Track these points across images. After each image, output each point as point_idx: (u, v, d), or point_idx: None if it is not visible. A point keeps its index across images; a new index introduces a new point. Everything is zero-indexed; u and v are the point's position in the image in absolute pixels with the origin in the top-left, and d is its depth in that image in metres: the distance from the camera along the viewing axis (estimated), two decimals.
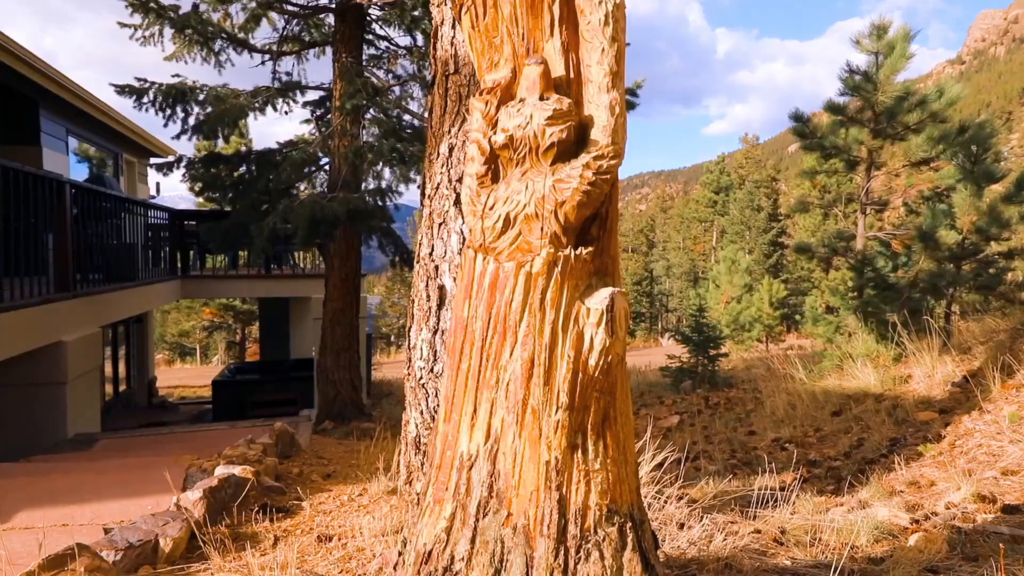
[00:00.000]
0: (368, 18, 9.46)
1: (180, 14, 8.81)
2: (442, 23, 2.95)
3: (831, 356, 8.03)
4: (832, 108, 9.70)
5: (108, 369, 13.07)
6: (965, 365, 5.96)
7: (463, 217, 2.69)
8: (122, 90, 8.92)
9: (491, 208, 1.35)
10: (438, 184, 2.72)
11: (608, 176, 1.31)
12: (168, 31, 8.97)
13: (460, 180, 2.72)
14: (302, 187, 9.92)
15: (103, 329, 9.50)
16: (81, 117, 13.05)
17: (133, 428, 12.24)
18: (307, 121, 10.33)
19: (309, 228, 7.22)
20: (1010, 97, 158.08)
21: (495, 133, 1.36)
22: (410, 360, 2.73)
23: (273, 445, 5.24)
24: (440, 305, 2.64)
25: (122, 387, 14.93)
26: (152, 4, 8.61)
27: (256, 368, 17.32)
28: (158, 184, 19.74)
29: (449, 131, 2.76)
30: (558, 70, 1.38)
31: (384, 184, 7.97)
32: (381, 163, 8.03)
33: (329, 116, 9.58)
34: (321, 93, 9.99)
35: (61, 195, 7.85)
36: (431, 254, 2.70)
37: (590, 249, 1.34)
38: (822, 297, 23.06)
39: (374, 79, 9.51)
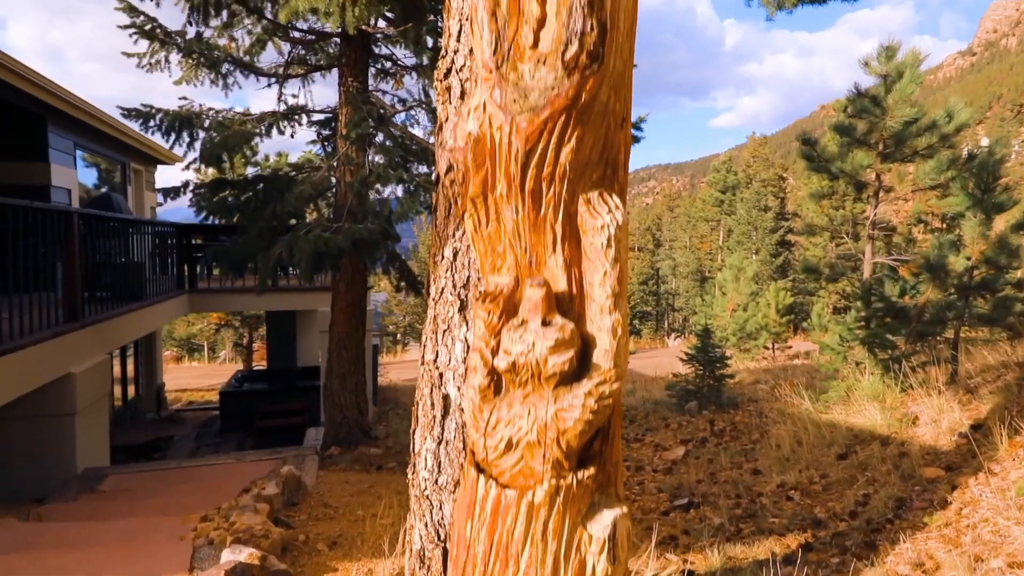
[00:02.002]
0: (374, 39, 9.44)
1: (186, 40, 8.82)
2: (446, 119, 2.94)
3: (837, 387, 8.01)
4: (839, 129, 9.64)
5: (116, 372, 13.17)
6: (972, 411, 5.93)
7: (467, 324, 2.69)
8: (128, 114, 8.94)
9: (493, 428, 1.35)
10: (442, 288, 2.72)
11: (610, 400, 1.31)
12: (175, 57, 8.99)
13: (465, 286, 2.72)
14: (309, 206, 9.93)
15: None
16: (88, 130, 13.12)
17: (141, 443, 12.38)
18: (313, 142, 10.34)
19: (313, 261, 7.23)
20: (1021, 89, 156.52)
21: (498, 353, 1.36)
22: (414, 466, 2.74)
23: (280, 494, 5.27)
24: (444, 414, 2.65)
25: (131, 395, 15.06)
26: (158, 31, 8.62)
27: (263, 376, 17.43)
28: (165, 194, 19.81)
29: (453, 234, 2.76)
30: (560, 285, 1.38)
31: (390, 213, 7.94)
32: (387, 190, 8.03)
33: (335, 135, 9.60)
34: (327, 115, 9.99)
35: (69, 225, 7.89)
36: (435, 360, 2.70)
37: (592, 471, 1.34)
38: (828, 299, 22.99)
39: (380, 102, 9.50)
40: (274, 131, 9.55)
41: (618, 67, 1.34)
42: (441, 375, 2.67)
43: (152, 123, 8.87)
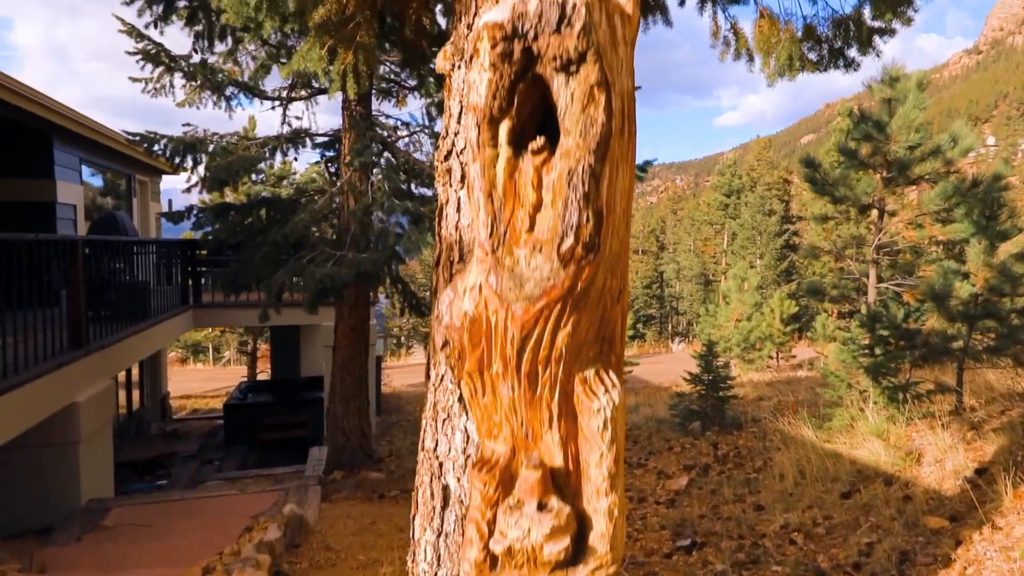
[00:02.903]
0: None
1: (191, 64, 8.84)
2: (447, 202, 2.94)
3: (841, 416, 7.99)
4: (844, 151, 9.61)
5: (121, 378, 13.22)
6: (976, 451, 5.91)
7: (467, 413, 2.69)
8: (134, 140, 8.99)
9: None
10: (442, 376, 2.72)
11: None
12: (179, 81, 9.01)
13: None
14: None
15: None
16: (93, 144, 13.17)
17: (146, 459, 12.43)
18: (317, 163, 10.35)
19: (316, 295, 7.25)
20: None
21: (494, 532, 1.36)
22: (414, 555, 2.74)
23: (282, 537, 5.29)
24: (444, 506, 2.65)
25: (135, 405, 15.15)
26: (163, 56, 8.64)
27: (267, 387, 17.49)
28: (170, 201, 19.88)
29: None
30: (557, 460, 1.38)
31: (395, 241, 7.94)
32: (391, 219, 8.03)
33: (338, 156, 9.61)
34: (331, 137, 10.00)
35: (74, 253, 7.91)
36: (435, 449, 2.70)
37: None
38: (832, 308, 22.93)
39: (383, 125, 9.51)
40: (278, 153, 9.60)
41: (615, 248, 1.34)
42: (441, 465, 2.68)
43: (157, 147, 8.90)
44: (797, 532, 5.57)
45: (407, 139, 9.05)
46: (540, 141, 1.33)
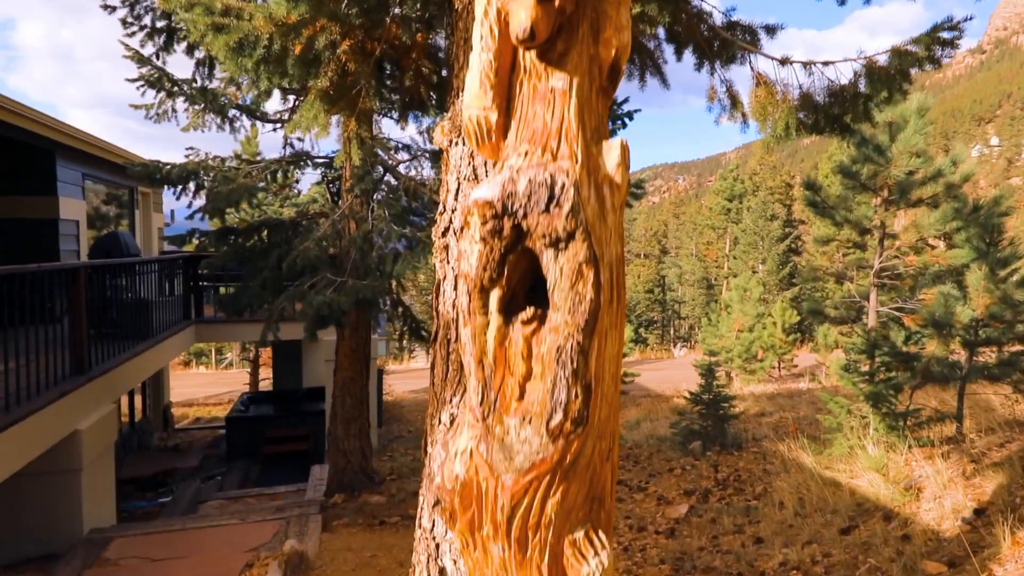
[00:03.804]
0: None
1: (193, 89, 8.87)
2: (444, 278, 2.96)
3: (841, 444, 7.99)
4: (844, 172, 9.61)
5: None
6: (975, 488, 5.92)
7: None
8: (136, 168, 9.04)
9: None
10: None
11: None
12: (181, 105, 9.05)
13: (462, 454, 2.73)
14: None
15: None
16: (96, 159, 13.21)
17: (148, 475, 12.49)
18: (318, 183, 10.37)
19: (316, 322, 7.28)
20: None
21: None
22: None
23: None
24: None
25: (138, 416, 15.21)
26: (166, 82, 8.67)
27: (268, 398, 17.53)
28: (172, 212, 19.92)
29: (451, 400, 2.77)
30: None
31: (394, 264, 7.96)
32: (390, 245, 8.05)
33: (340, 178, 9.63)
34: (332, 157, 10.03)
35: (76, 280, 7.94)
36: (432, 529, 2.72)
37: None
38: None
39: (383, 145, 9.52)
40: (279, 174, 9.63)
41: (603, 414, 1.35)
42: (438, 546, 2.69)
43: (159, 175, 8.93)
44: (796, 571, 5.58)
45: (408, 163, 9.07)
46: (529, 312, 1.35)
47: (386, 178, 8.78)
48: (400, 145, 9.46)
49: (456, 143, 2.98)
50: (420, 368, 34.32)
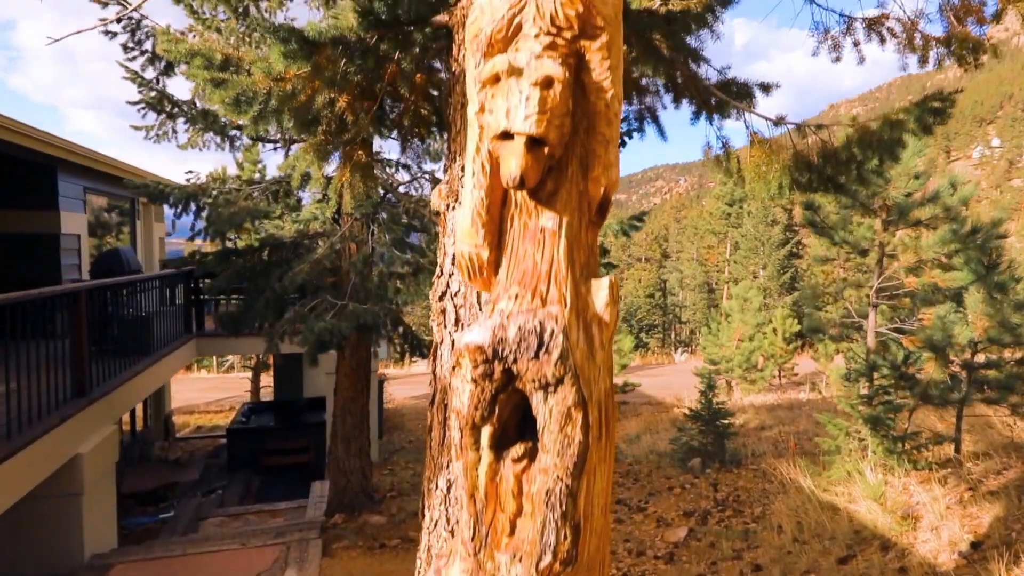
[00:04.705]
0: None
1: (195, 111, 8.91)
2: (441, 342, 2.99)
3: (839, 467, 8.02)
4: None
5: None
6: (972, 519, 5.94)
7: (459, 559, 2.73)
8: (138, 190, 9.08)
9: None
10: (436, 520, 2.77)
11: None
12: (182, 126, 9.09)
13: (459, 522, 2.76)
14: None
15: None
16: (97, 172, 13.27)
17: (150, 489, 12.53)
18: (319, 202, 10.41)
19: (316, 347, 7.32)
20: None
21: None
22: None
23: None
24: None
25: (139, 426, 15.27)
26: (166, 103, 8.71)
27: (269, 409, 17.55)
28: (175, 222, 19.98)
29: (447, 466, 2.80)
30: None
31: (395, 297, 7.99)
32: (390, 271, 8.08)
33: (341, 197, 9.67)
34: (332, 178, 10.06)
35: (76, 303, 7.98)
36: None
37: None
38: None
39: (385, 163, 9.56)
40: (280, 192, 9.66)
41: (592, 547, 1.38)
42: None
43: (160, 195, 8.98)
44: None
45: (408, 184, 9.11)
46: (520, 449, 1.38)
47: (387, 197, 8.80)
48: (400, 165, 9.50)
49: (453, 207, 3.01)
50: (421, 373, 34.34)
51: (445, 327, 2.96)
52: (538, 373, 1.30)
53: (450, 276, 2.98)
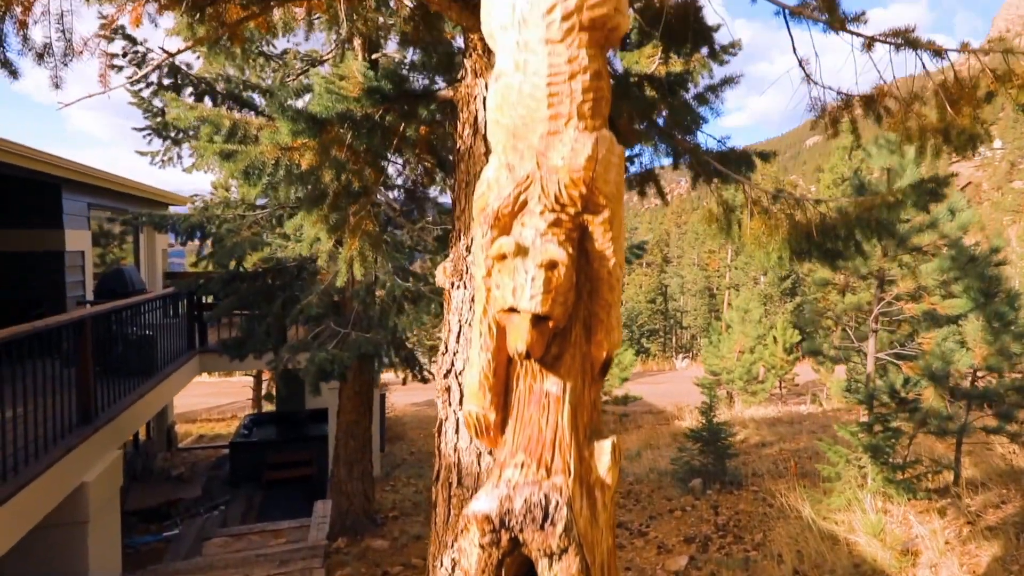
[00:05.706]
0: None
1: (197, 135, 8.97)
2: (446, 419, 3.04)
3: (840, 496, 8.07)
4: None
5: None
6: (970, 558, 5.99)
7: None
8: (140, 218, 9.14)
9: None
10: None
11: None
12: (187, 151, 9.16)
13: None
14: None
15: None
16: (101, 189, 13.34)
17: (153, 506, 12.59)
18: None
19: (318, 376, 7.38)
20: None
21: None
22: None
23: None
24: None
25: (142, 437, 15.34)
26: (172, 130, 8.78)
27: (272, 421, 17.62)
28: (176, 235, 20.06)
29: (451, 544, 2.86)
30: None
31: (396, 325, 8.05)
32: (392, 296, 8.14)
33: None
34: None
35: (82, 331, 8.05)
36: None
37: None
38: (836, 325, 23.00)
39: (387, 184, 9.61)
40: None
41: None
42: None
43: (166, 228, 9.04)
44: None
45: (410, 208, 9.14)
46: None
47: (389, 227, 8.86)
48: (402, 190, 9.54)
49: (458, 286, 3.06)
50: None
51: (450, 405, 3.01)
52: (543, 543, 1.35)
53: (454, 355, 3.04)
